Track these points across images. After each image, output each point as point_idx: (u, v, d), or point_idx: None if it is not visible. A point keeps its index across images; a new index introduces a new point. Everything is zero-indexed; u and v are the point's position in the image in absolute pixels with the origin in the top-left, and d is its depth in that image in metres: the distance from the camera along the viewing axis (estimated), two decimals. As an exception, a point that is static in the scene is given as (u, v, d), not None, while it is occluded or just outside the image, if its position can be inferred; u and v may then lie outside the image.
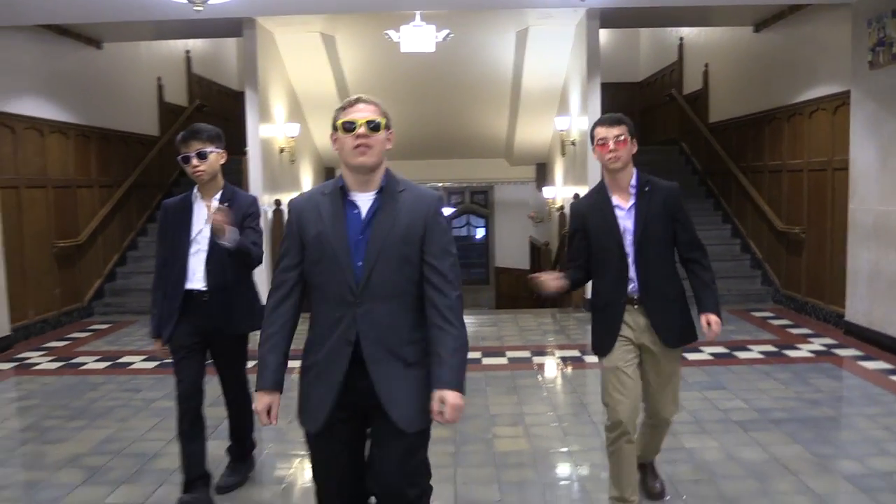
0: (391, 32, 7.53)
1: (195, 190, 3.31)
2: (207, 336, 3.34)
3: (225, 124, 12.71)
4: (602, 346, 3.02)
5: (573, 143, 9.24)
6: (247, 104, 8.23)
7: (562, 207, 9.96)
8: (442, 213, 2.28)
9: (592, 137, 2.97)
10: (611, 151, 2.88)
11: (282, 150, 9.17)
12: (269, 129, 8.68)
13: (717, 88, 10.31)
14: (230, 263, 3.25)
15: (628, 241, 2.95)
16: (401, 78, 9.49)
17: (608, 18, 8.23)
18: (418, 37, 7.27)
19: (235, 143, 9.73)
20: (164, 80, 10.81)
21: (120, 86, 9.44)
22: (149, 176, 9.90)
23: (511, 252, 17.23)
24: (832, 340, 6.47)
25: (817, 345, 6.35)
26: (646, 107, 13.46)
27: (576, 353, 6.34)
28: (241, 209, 3.28)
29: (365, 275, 2.16)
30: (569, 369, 5.88)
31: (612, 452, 3.04)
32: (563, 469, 3.87)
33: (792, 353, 6.07)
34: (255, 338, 2.69)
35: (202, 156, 3.20)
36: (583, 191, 8.39)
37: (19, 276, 7.17)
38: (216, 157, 3.25)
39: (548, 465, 3.90)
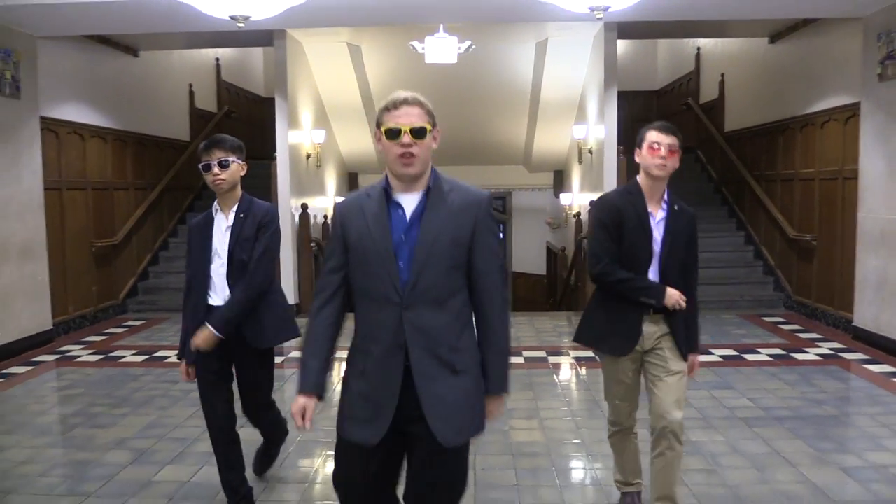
0: (416, 44, 7.84)
1: (216, 203, 3.29)
2: (231, 354, 3.28)
3: (251, 129, 13.26)
4: (612, 347, 3.05)
5: (590, 152, 9.50)
6: (276, 111, 8.57)
7: (578, 214, 10.20)
8: (492, 214, 2.21)
9: (641, 140, 2.96)
10: (661, 157, 2.88)
11: (308, 156, 9.50)
12: (296, 136, 9.02)
13: (733, 98, 10.51)
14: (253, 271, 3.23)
15: (655, 250, 2.98)
16: (424, 87, 9.64)
17: (626, 30, 8.48)
18: (442, 48, 7.57)
19: (261, 148, 10.15)
20: (195, 87, 11.22)
21: (154, 92, 9.84)
22: (180, 179, 10.27)
23: (528, 257, 17.47)
24: (840, 345, 6.67)
25: (825, 349, 6.55)
26: (663, 115, 13.64)
27: (589, 353, 6.58)
28: (255, 219, 3.23)
29: (412, 278, 2.09)
30: (583, 369, 6.13)
31: (614, 443, 3.22)
32: (575, 458, 4.14)
33: (799, 357, 6.28)
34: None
35: (224, 164, 3.17)
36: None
37: (60, 274, 7.55)
38: (237, 167, 3.22)
39: (560, 454, 4.16)
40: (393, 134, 2.10)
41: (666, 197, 3.01)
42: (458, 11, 6.39)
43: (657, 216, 2.99)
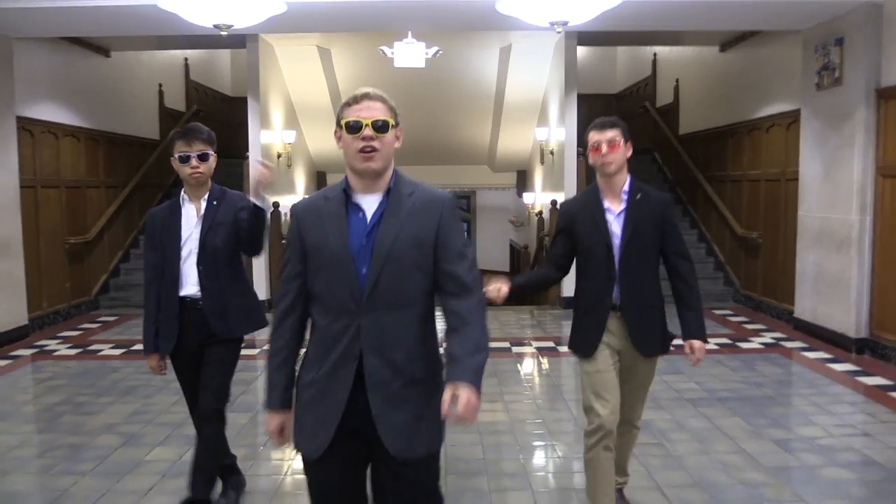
0: (385, 48, 8.16)
1: (182, 193, 3.20)
2: (201, 345, 3.20)
3: (219, 128, 13.32)
4: (584, 348, 3.01)
5: (551, 153, 9.92)
6: (249, 112, 8.81)
7: (540, 212, 10.62)
8: (456, 215, 2.11)
9: (586, 143, 2.96)
10: (603, 155, 2.86)
11: (279, 156, 9.75)
12: (268, 136, 9.26)
13: (687, 102, 11.04)
14: (224, 263, 3.18)
15: (616, 245, 2.93)
16: (392, 90, 9.91)
17: (585, 38, 8.91)
18: (410, 53, 7.90)
19: (228, 147, 10.30)
20: (165, 87, 11.36)
21: (125, 92, 9.97)
22: (150, 178, 10.42)
23: (492, 255, 17.89)
24: (781, 334, 7.17)
25: (767, 338, 7.05)
26: (622, 117, 13.73)
27: (550, 344, 6.99)
28: (232, 205, 3.18)
29: (370, 282, 1.98)
30: (543, 358, 6.52)
31: (589, 461, 3.02)
32: (537, 435, 4.51)
33: (744, 345, 6.76)
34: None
35: (203, 157, 3.10)
36: (560, 197, 9.07)
37: (35, 270, 7.69)
38: (213, 159, 3.14)
39: (523, 432, 4.53)
40: (353, 128, 2.00)
41: (627, 187, 2.96)
42: (425, 20, 6.73)
43: (617, 209, 2.95)
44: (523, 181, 13.63)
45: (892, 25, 6.00)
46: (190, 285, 3.15)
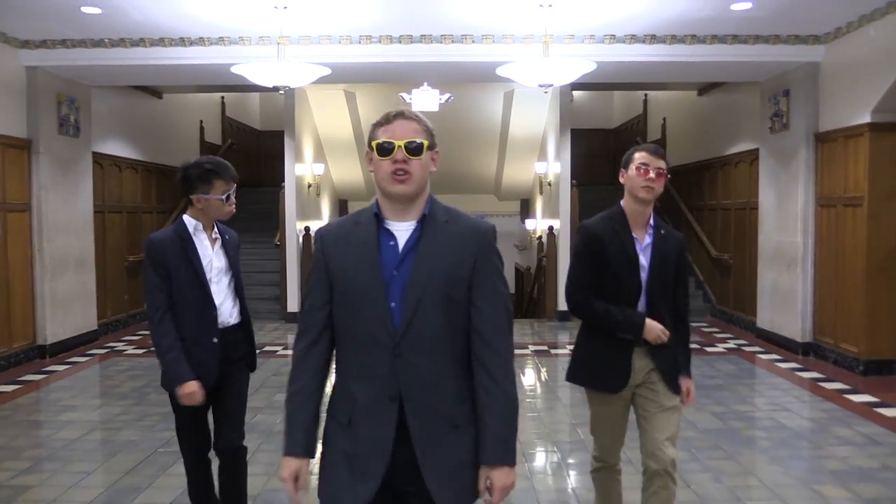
0: (404, 95, 9.48)
1: (189, 220, 3.07)
2: (221, 381, 3.07)
3: (248, 159, 14.92)
4: (604, 385, 2.86)
5: (549, 184, 11.19)
6: (285, 148, 10.12)
7: (540, 237, 11.85)
8: (495, 248, 1.94)
9: (628, 161, 2.83)
10: (649, 180, 2.75)
11: (309, 186, 11.05)
12: (301, 168, 10.57)
13: (673, 139, 12.30)
14: (242, 293, 3.20)
15: (643, 277, 2.82)
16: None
17: (579, 85, 10.18)
18: (426, 99, 9.22)
19: (256, 176, 11.71)
20: (205, 123, 12.75)
21: (173, 128, 11.34)
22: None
23: (499, 277, 19.12)
24: (744, 341, 8.33)
25: (731, 344, 8.22)
26: (618, 151, 15.39)
27: (544, 348, 8.18)
28: (235, 245, 3.21)
29: (405, 319, 1.82)
30: (539, 358, 7.70)
31: (596, 478, 3.04)
32: (536, 432, 5.67)
33: (710, 349, 7.93)
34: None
35: (234, 195, 3.11)
36: (556, 223, 10.30)
37: (101, 283, 8.95)
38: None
39: (521, 429, 5.70)
40: (385, 150, 1.85)
41: (652, 221, 2.86)
42: (440, 75, 8.04)
43: (643, 242, 2.84)
44: (526, 209, 14.91)
45: (826, 81, 7.24)
46: (224, 315, 3.07)
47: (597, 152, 15.56)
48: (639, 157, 2.80)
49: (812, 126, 7.41)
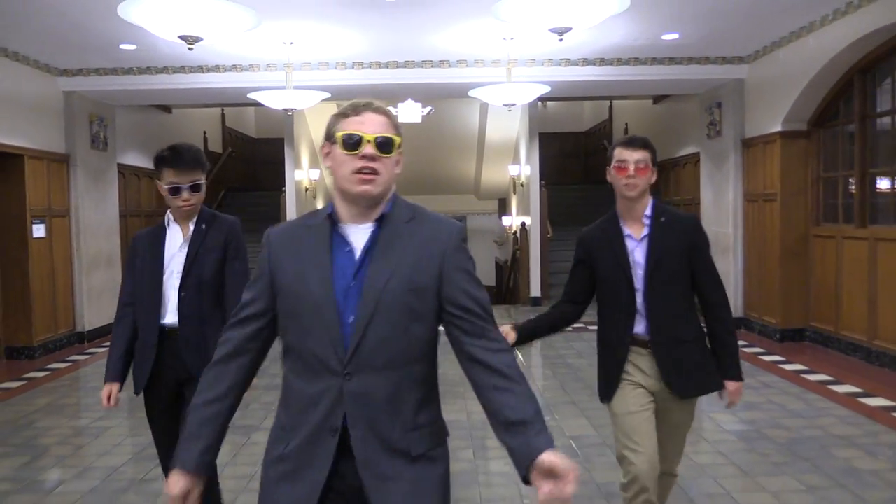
0: (389, 108, 10.70)
1: (168, 214, 2.91)
2: (180, 384, 2.83)
3: (245, 165, 16.25)
4: (606, 389, 2.70)
5: (522, 185, 12.46)
6: (286, 156, 11.34)
7: (515, 232, 13.12)
8: (464, 248, 1.73)
9: (610, 158, 2.66)
10: (629, 177, 2.57)
11: (307, 189, 12.26)
12: (299, 174, 11.78)
13: (634, 142, 13.59)
14: (208, 292, 2.81)
15: (638, 275, 2.62)
16: (394, 135, 12.86)
17: (548, 95, 11.47)
18: (409, 112, 10.45)
19: (253, 180, 12.87)
20: (208, 133, 13.92)
21: (181, 139, 12.35)
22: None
23: (480, 271, 20.26)
24: (689, 319, 9.62)
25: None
26: (588, 151, 16.80)
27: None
28: (222, 231, 2.86)
29: (356, 335, 1.59)
30: (519, 355, 8.94)
31: None
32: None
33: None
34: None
35: (196, 188, 2.80)
36: (528, 220, 11.57)
37: (126, 279, 10.11)
38: (204, 187, 2.87)
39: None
40: (351, 143, 1.61)
41: (649, 210, 2.66)
42: (421, 93, 9.30)
43: (639, 235, 2.65)
44: (503, 207, 16.18)
45: (750, 95, 8.54)
46: (171, 313, 2.80)
47: (569, 152, 16.93)
48: (617, 153, 2.64)
49: (739, 133, 8.71)
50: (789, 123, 7.77)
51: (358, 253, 1.66)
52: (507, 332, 2.67)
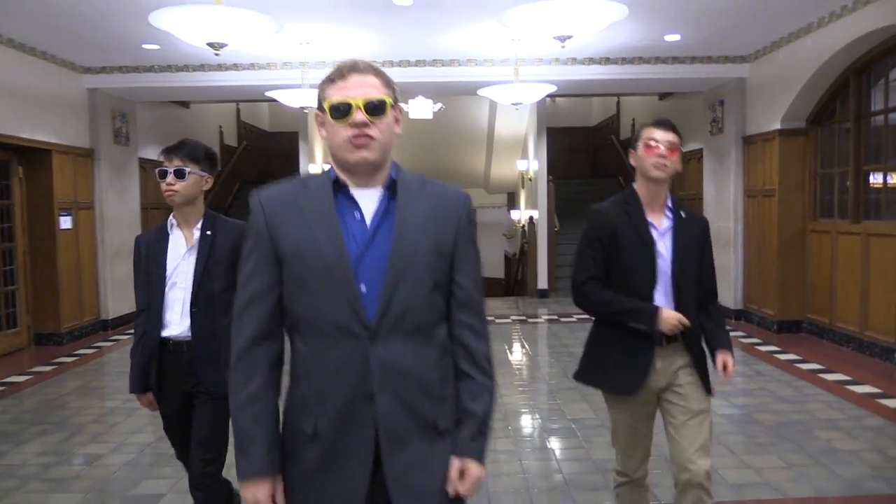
0: (402, 104, 11.00)
1: (171, 217, 2.83)
2: (192, 397, 2.77)
3: (260, 158, 16.71)
4: (618, 385, 2.58)
5: (530, 179, 12.74)
6: (300, 151, 11.67)
7: (523, 226, 13.41)
8: (474, 218, 1.68)
9: (636, 140, 2.57)
10: (660, 156, 2.47)
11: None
12: (313, 168, 12.11)
13: (640, 138, 13.84)
14: (220, 304, 2.68)
15: (661, 267, 2.52)
16: (407, 133, 13.05)
17: (557, 92, 11.75)
18: (421, 108, 10.74)
19: (266, 172, 13.16)
20: (224, 128, 14.26)
21: (198, 134, 12.80)
22: (213, 199, 13.27)
23: (490, 263, 20.70)
24: (691, 311, 9.91)
25: (679, 313, 9.80)
26: (596, 146, 17.04)
27: (523, 317, 9.75)
28: (229, 239, 2.74)
29: (384, 299, 1.52)
30: (517, 325, 9.27)
31: (620, 493, 2.74)
32: (507, 376, 7.22)
33: (660, 317, 9.50)
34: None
35: (180, 174, 2.71)
36: (536, 213, 11.85)
37: (146, 270, 10.49)
38: (196, 180, 2.74)
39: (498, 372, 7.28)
40: (340, 111, 1.52)
41: (670, 203, 2.59)
42: (432, 90, 9.58)
43: (661, 226, 2.55)
44: (512, 201, 16.47)
45: (751, 93, 8.78)
46: (173, 325, 2.72)
47: (578, 147, 17.17)
48: (647, 132, 2.53)
49: (741, 130, 8.96)
50: (788, 121, 8.02)
51: (369, 218, 1.58)
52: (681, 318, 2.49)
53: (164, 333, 2.72)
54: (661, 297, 2.53)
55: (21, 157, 7.99)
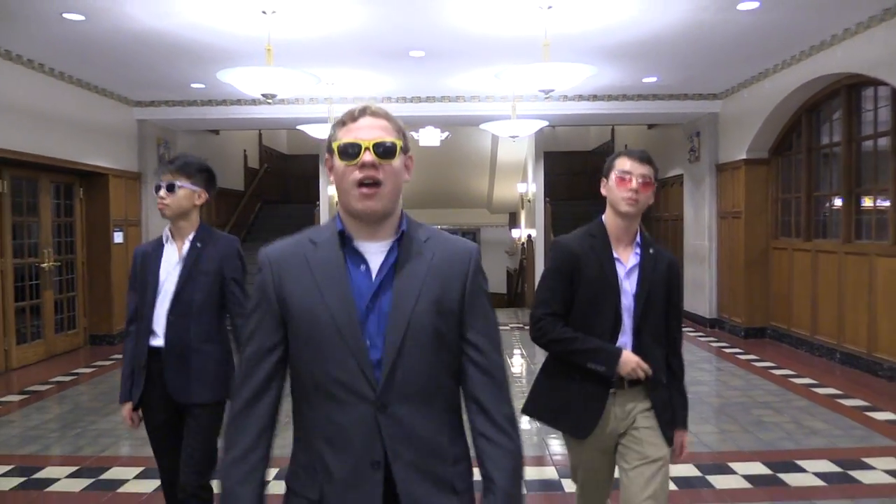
0: (412, 133, 12.19)
1: (167, 230, 2.90)
2: (179, 408, 2.83)
3: (279, 179, 17.98)
4: (568, 426, 2.46)
5: (529, 201, 13.88)
6: (320, 173, 12.84)
7: (523, 244, 14.54)
8: (483, 272, 1.61)
9: (609, 169, 2.45)
10: (632, 190, 2.35)
11: (337, 203, 13.75)
12: (332, 190, 13.28)
13: (632, 163, 15.00)
14: (200, 316, 2.77)
15: (625, 305, 2.39)
16: (417, 159, 14.11)
17: (555, 122, 12.94)
18: (429, 136, 11.92)
19: (283, 193, 14.35)
20: (248, 151, 15.48)
21: (226, 157, 14.06)
22: (238, 218, 14.46)
23: (492, 280, 21.79)
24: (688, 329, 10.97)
25: (661, 322, 10.88)
26: (594, 169, 18.09)
27: (521, 325, 10.83)
28: (217, 251, 2.82)
29: (388, 363, 1.46)
30: (516, 332, 10.35)
31: None
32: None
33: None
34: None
35: (170, 188, 2.78)
36: (534, 233, 12.98)
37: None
38: (186, 194, 2.81)
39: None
40: (349, 153, 1.48)
41: (639, 239, 2.47)
42: (440, 122, 10.77)
43: (628, 263, 2.42)
44: (513, 220, 17.61)
45: (723, 126, 9.92)
46: (158, 335, 2.79)
47: (577, 171, 18.29)
48: (619, 163, 2.43)
49: (714, 159, 10.09)
50: (753, 152, 9.14)
51: (375, 272, 1.51)
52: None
53: (153, 343, 2.79)
54: (626, 338, 2.39)
55: (83, 180, 9.18)
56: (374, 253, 1.52)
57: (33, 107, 7.74)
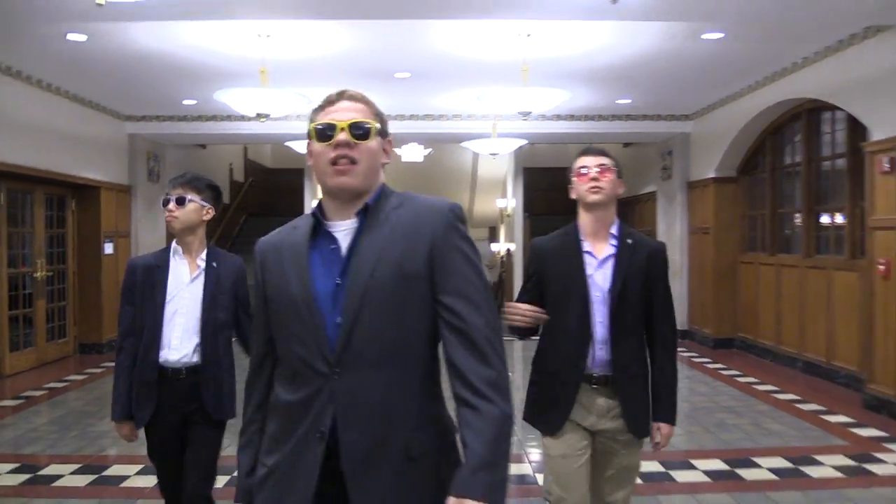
0: (396, 150, 12.56)
1: (174, 244, 2.92)
2: (187, 423, 2.84)
3: (264, 192, 18.28)
4: (548, 424, 2.48)
5: (508, 215, 14.29)
6: (305, 187, 13.14)
7: (502, 257, 14.93)
8: (459, 228, 1.55)
9: (570, 172, 2.53)
10: (592, 179, 2.41)
11: (321, 216, 14.09)
12: (315, 203, 13.59)
13: (609, 179, 15.50)
14: (224, 333, 2.85)
15: (597, 299, 2.40)
16: (400, 174, 14.71)
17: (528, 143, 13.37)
18: (412, 152, 12.30)
19: (268, 205, 14.66)
20: (233, 165, 15.75)
21: (212, 171, 14.26)
22: (224, 230, 14.72)
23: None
24: (646, 332, 11.40)
25: (636, 333, 11.30)
26: (572, 186, 18.69)
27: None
28: (231, 269, 2.90)
29: (344, 333, 1.48)
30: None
31: None
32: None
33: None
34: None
35: (180, 201, 2.82)
36: (513, 247, 13.37)
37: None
38: (195, 208, 2.85)
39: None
40: (324, 133, 1.53)
41: (615, 230, 2.50)
42: (424, 139, 11.17)
43: (601, 254, 2.45)
44: (493, 234, 18.02)
45: (694, 145, 10.40)
46: (172, 350, 2.79)
47: (556, 186, 18.70)
48: (576, 162, 2.51)
49: (686, 177, 10.56)
50: (721, 171, 9.61)
51: (344, 249, 1.54)
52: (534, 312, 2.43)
53: (162, 359, 2.78)
54: (600, 326, 2.42)
55: (75, 192, 9.42)
56: (343, 231, 1.56)
57: (31, 121, 8.00)
